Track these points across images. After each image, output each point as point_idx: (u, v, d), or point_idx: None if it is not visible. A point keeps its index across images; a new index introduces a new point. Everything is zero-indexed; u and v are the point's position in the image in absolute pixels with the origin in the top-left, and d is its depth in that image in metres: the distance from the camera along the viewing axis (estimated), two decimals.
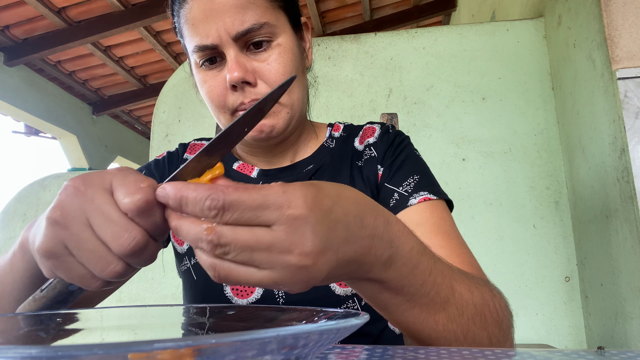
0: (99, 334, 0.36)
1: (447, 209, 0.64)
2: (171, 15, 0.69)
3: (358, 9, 4.16)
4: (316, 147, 0.73)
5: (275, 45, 0.63)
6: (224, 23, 0.59)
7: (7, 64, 3.92)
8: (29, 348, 0.16)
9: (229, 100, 0.62)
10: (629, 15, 1.30)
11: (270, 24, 0.61)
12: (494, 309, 0.46)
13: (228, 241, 0.30)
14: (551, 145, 1.71)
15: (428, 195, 0.62)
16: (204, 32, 0.60)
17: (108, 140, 5.45)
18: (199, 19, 0.60)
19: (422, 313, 0.41)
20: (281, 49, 0.63)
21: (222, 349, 0.18)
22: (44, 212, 0.35)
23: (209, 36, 0.60)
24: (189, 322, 0.39)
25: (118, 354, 0.17)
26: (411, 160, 0.68)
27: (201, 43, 0.61)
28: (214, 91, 0.63)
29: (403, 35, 1.88)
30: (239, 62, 0.60)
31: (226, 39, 0.60)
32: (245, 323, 0.37)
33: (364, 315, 0.26)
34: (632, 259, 1.24)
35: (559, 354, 0.34)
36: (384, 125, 0.74)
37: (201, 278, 0.67)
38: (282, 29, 0.64)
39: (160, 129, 1.94)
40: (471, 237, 1.68)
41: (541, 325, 1.60)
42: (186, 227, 0.31)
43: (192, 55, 0.64)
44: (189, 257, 0.69)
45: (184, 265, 0.70)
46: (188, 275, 0.69)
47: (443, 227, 0.60)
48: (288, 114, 0.64)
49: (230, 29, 0.59)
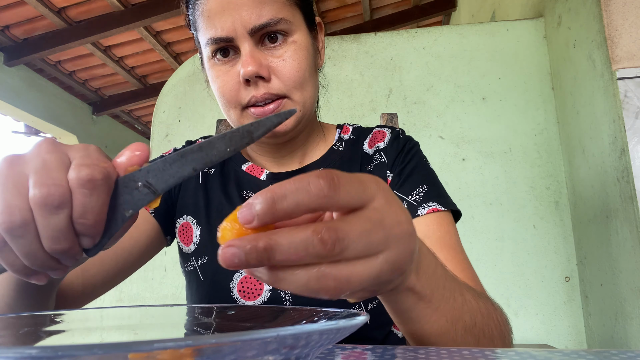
0: (99, 334, 0.36)
1: (453, 221, 0.65)
2: (185, 7, 0.68)
3: (358, 9, 4.16)
4: (325, 149, 0.73)
5: (291, 41, 0.62)
6: (240, 16, 0.59)
7: (7, 64, 3.92)
8: (29, 348, 0.16)
9: (241, 95, 0.62)
10: (629, 15, 1.30)
11: (287, 20, 0.61)
12: (497, 322, 0.46)
13: (345, 233, 0.26)
14: (551, 145, 1.71)
15: (437, 206, 0.62)
16: (219, 24, 0.60)
17: (108, 140, 5.46)
18: (215, 12, 0.60)
19: (447, 323, 0.40)
20: (296, 46, 0.62)
21: (222, 349, 0.18)
22: None
23: (225, 29, 0.59)
24: (189, 322, 0.39)
25: (118, 354, 0.17)
26: (421, 169, 0.68)
27: (216, 35, 0.60)
28: (227, 86, 0.62)
29: (403, 35, 1.88)
30: (253, 56, 0.60)
31: (242, 32, 0.59)
32: (245, 323, 0.37)
33: (364, 315, 0.26)
34: (632, 259, 1.24)
35: (559, 354, 0.34)
36: (395, 130, 0.74)
37: (208, 279, 0.66)
38: (298, 26, 0.64)
39: (160, 129, 1.94)
40: (471, 237, 1.68)
41: (541, 325, 1.60)
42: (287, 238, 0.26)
43: (205, 49, 0.63)
44: (196, 257, 0.68)
45: (190, 265, 0.69)
46: (194, 275, 0.68)
47: (449, 241, 0.60)
48: (300, 111, 0.64)
49: (246, 23, 0.59)
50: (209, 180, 0.73)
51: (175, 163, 0.33)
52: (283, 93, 0.61)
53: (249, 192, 0.70)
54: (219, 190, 0.71)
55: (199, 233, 0.69)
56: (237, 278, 0.65)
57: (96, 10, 3.60)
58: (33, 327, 0.34)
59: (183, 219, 0.71)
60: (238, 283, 0.64)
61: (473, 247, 1.67)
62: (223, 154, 0.33)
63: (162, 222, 0.71)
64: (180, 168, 0.33)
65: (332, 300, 0.28)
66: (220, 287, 0.65)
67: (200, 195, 0.71)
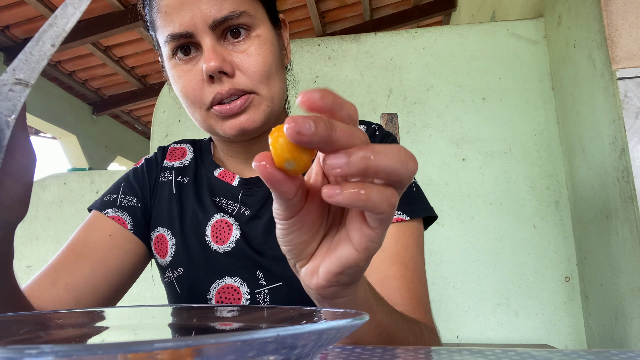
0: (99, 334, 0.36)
1: (418, 230, 0.62)
2: (142, 7, 0.65)
3: (358, 9, 4.16)
4: None
5: (255, 35, 0.59)
6: (200, 10, 0.56)
7: (7, 63, 3.92)
8: (29, 348, 0.16)
9: (205, 94, 0.58)
10: (629, 15, 1.30)
11: (249, 14, 0.59)
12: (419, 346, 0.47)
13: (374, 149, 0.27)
14: (551, 145, 1.71)
15: (401, 215, 0.61)
16: (178, 19, 0.57)
17: (108, 140, 5.46)
18: (173, 7, 0.57)
19: (372, 338, 0.42)
20: (260, 40, 0.60)
21: (222, 349, 0.18)
22: None
23: (184, 24, 0.56)
24: (189, 322, 0.39)
25: (118, 354, 0.17)
26: None
27: (174, 31, 0.57)
28: (189, 85, 0.59)
29: (403, 35, 1.88)
30: (216, 51, 0.56)
31: (202, 26, 0.56)
32: (245, 323, 0.37)
33: (364, 315, 0.26)
34: (632, 259, 1.24)
35: (559, 354, 0.34)
36: (371, 126, 0.71)
37: (184, 291, 0.65)
38: (261, 21, 0.61)
39: (160, 129, 1.94)
40: (471, 237, 1.68)
41: (541, 325, 1.60)
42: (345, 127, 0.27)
43: (164, 47, 0.60)
44: (172, 269, 0.67)
45: (167, 277, 0.68)
46: (171, 287, 0.67)
47: (403, 256, 0.58)
48: (268, 107, 0.61)
49: (206, 17, 0.56)
50: (183, 190, 0.70)
51: (35, 48, 0.33)
52: (250, 88, 0.58)
53: (222, 198, 0.68)
54: (192, 199, 0.69)
55: (174, 245, 0.67)
56: (215, 289, 0.64)
57: (96, 10, 3.60)
58: (33, 327, 0.34)
59: (157, 231, 0.69)
60: (215, 293, 0.63)
61: (473, 247, 1.67)
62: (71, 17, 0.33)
63: (143, 238, 0.69)
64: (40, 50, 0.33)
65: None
66: (198, 298, 0.64)
67: (175, 206, 0.69)
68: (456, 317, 1.65)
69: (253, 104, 0.59)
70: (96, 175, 2.05)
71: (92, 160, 5.03)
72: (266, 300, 0.62)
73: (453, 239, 1.68)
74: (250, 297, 0.63)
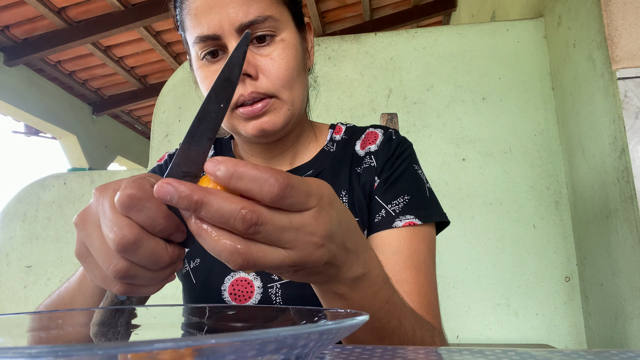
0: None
1: (430, 235, 0.64)
2: (173, 8, 0.68)
3: (358, 9, 4.16)
4: (316, 150, 0.72)
5: (279, 40, 0.62)
6: (227, 14, 0.59)
7: (7, 64, 3.92)
8: (29, 348, 0.16)
9: None
10: (629, 15, 1.30)
11: (275, 18, 0.61)
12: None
13: (266, 220, 0.31)
14: (551, 145, 1.71)
15: (414, 219, 0.62)
16: (206, 22, 0.59)
17: (108, 140, 5.46)
18: (202, 10, 0.60)
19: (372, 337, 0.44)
20: (285, 45, 0.62)
21: (222, 349, 0.18)
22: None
23: (212, 26, 0.59)
24: (189, 322, 0.39)
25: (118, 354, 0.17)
26: (407, 177, 0.66)
27: (203, 33, 0.60)
28: None
29: (403, 35, 1.88)
30: None
31: (229, 30, 0.59)
32: (245, 323, 0.37)
33: (364, 315, 0.26)
34: (632, 259, 1.24)
35: (559, 354, 0.34)
36: (387, 132, 0.72)
37: (200, 281, 0.67)
38: (286, 25, 0.63)
39: (160, 129, 1.94)
40: (471, 237, 1.68)
41: (541, 325, 1.60)
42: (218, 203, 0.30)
43: (193, 48, 0.63)
44: (188, 260, 0.69)
45: (184, 268, 0.69)
46: (187, 278, 0.69)
47: (416, 260, 0.60)
48: (289, 110, 0.63)
49: (234, 20, 0.59)
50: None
51: (192, 145, 0.34)
52: (271, 92, 0.61)
53: None
54: None
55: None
56: (229, 281, 0.65)
57: (96, 10, 3.60)
58: (33, 327, 0.34)
59: None
60: (229, 286, 0.65)
61: (473, 247, 1.67)
62: (221, 111, 0.35)
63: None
64: (198, 145, 0.34)
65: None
66: (212, 290, 0.65)
67: None
68: (456, 317, 1.65)
69: (274, 107, 0.62)
70: (96, 175, 2.05)
71: (92, 160, 5.03)
72: (278, 294, 0.63)
73: (453, 239, 1.68)
74: (262, 291, 0.64)
